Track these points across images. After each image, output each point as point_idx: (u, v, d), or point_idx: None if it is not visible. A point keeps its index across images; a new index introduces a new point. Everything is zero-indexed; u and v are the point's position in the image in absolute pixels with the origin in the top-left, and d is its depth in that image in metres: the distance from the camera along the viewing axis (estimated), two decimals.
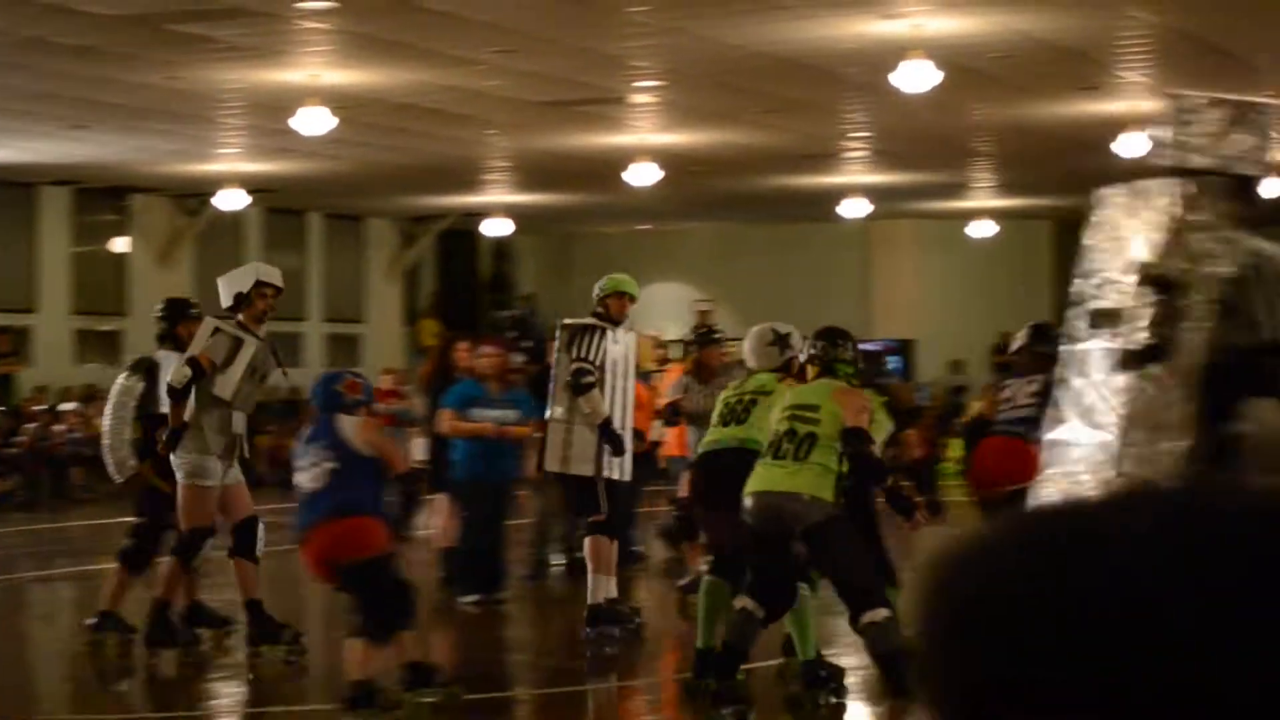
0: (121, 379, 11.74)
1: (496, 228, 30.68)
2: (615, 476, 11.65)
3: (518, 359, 31.68)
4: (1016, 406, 10.70)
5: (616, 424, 11.58)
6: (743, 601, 8.77)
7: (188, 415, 11.19)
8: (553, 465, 11.78)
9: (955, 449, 28.91)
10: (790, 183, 26.98)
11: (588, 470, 11.53)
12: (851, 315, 33.62)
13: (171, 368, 11.39)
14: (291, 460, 9.96)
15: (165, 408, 11.32)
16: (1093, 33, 15.98)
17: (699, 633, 9.69)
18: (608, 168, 23.28)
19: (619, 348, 11.78)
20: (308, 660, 11.49)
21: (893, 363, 32.57)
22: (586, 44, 16.10)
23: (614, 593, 11.84)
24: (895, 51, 15.76)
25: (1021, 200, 30.22)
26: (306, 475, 9.33)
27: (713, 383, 12.80)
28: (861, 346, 9.59)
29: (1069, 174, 26.18)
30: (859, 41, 15.95)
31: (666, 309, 33.80)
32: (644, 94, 19.12)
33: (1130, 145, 20.40)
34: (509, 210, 29.92)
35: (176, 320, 11.72)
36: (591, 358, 11.54)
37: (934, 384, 32.45)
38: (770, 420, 8.98)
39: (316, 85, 17.51)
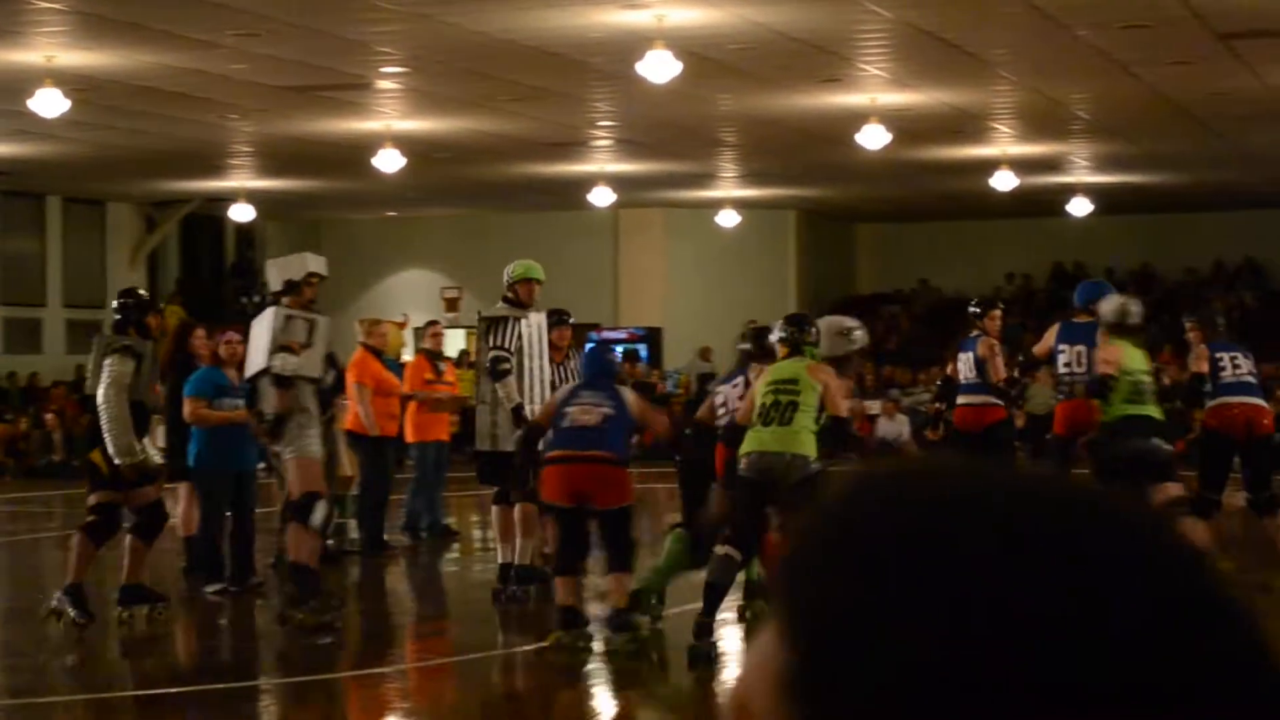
0: (112, 362, 11.82)
1: (241, 213, 30.25)
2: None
3: None
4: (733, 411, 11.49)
5: (537, 401, 12.45)
6: (724, 549, 10.50)
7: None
8: (483, 445, 12.73)
9: None
10: (538, 171, 27.04)
11: (511, 448, 12.35)
12: (600, 303, 33.88)
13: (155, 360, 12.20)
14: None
15: (138, 394, 11.77)
16: (832, 26, 16.26)
17: (657, 575, 11.62)
18: (354, 154, 23.14)
19: (532, 330, 12.75)
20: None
21: (641, 351, 32.81)
22: (330, 28, 15.98)
23: (527, 558, 12.82)
24: (640, 42, 15.90)
25: (767, 190, 30.64)
26: (578, 409, 10.91)
27: (566, 364, 13.84)
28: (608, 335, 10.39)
29: (813, 165, 26.65)
30: (604, 31, 16.05)
31: (414, 295, 33.75)
32: (389, 80, 19.04)
33: (871, 137, 20.78)
34: (253, 196, 29.53)
35: (145, 311, 12.22)
36: (507, 345, 12.50)
37: (682, 371, 32.78)
38: (756, 395, 10.72)
39: (51, 67, 17.15)
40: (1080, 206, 29.32)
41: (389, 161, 22.54)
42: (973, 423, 14.60)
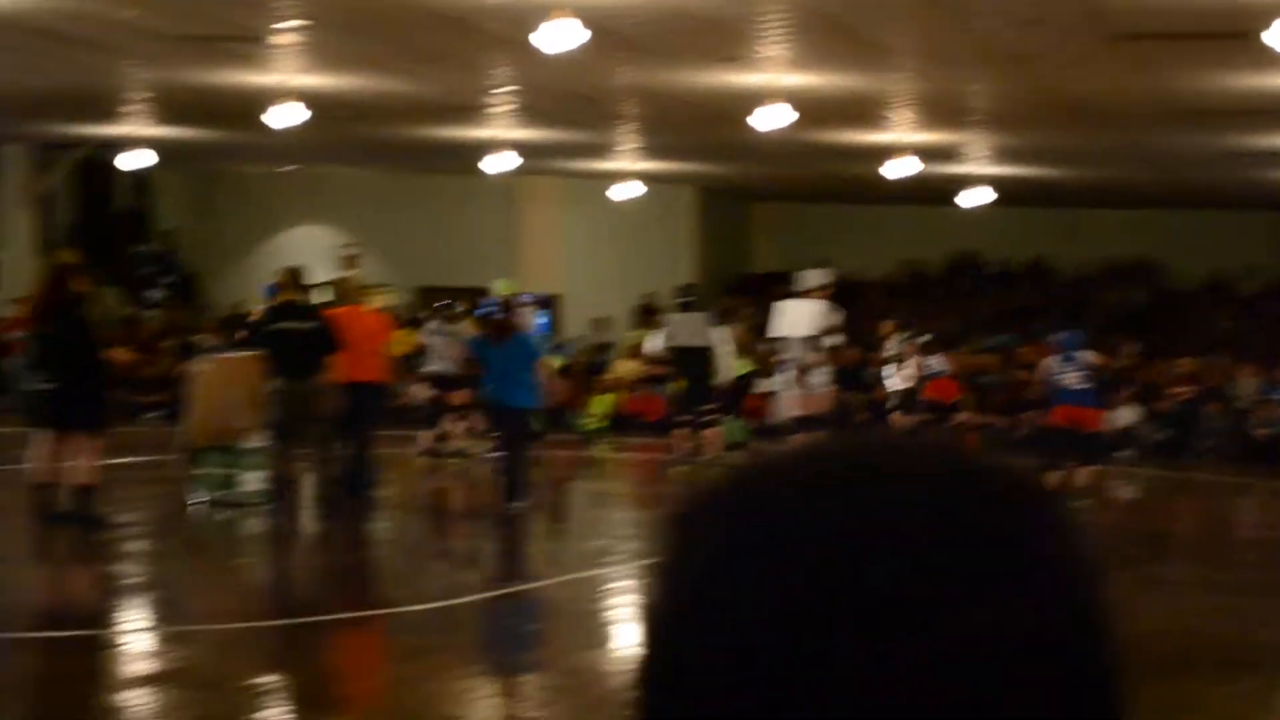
0: None
1: (135, 160, 29.83)
2: None
3: (157, 295, 30.99)
4: None
5: None
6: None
7: None
8: None
9: (598, 405, 29.28)
10: (436, 133, 26.87)
11: None
12: (499, 268, 33.76)
13: None
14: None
15: None
16: (732, 5, 16.22)
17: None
18: (249, 106, 22.87)
19: None
20: None
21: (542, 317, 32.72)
22: None
23: None
24: (539, 10, 15.80)
25: (666, 164, 30.60)
26: (1074, 378, 18.19)
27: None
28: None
29: (711, 142, 26.64)
30: None
31: (310, 251, 33.49)
32: (285, 34, 18.82)
33: (765, 119, 20.75)
34: (149, 143, 29.15)
35: None
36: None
37: (578, 340, 32.75)
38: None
39: None
40: (977, 196, 29.46)
41: (284, 116, 22.19)
42: None
